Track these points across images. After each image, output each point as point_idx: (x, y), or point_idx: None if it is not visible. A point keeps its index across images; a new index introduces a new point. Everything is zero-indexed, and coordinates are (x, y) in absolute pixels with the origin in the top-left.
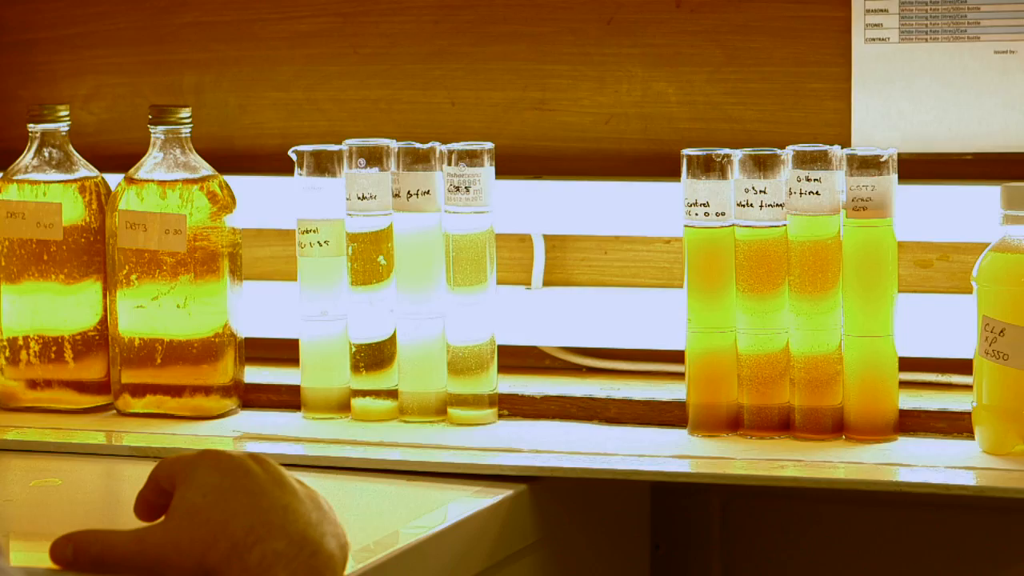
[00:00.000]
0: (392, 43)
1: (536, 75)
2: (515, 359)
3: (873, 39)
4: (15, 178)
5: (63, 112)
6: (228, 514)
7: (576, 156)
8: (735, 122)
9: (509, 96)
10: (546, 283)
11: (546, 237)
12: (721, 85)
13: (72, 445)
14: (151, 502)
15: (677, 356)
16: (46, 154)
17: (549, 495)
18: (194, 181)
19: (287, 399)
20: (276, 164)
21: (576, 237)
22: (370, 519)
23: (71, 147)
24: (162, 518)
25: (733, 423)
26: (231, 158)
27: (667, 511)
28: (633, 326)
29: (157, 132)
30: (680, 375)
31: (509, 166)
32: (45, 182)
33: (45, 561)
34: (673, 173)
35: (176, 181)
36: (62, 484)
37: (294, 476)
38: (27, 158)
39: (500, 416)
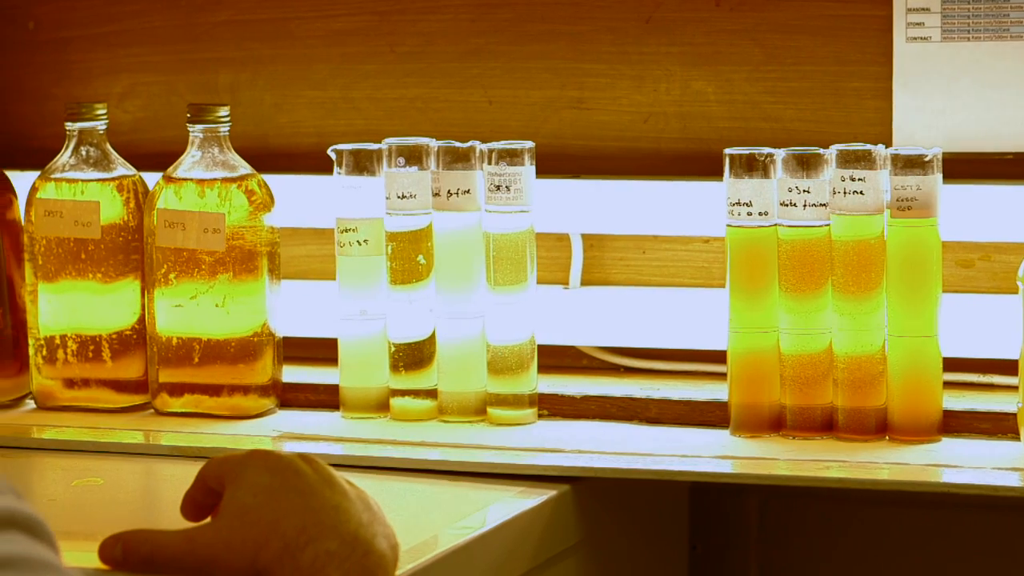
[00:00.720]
0: (429, 41)
1: (574, 74)
2: (552, 359)
3: (915, 38)
4: (53, 176)
5: (101, 110)
6: (279, 514)
7: (614, 155)
8: (774, 121)
9: (547, 95)
10: (584, 282)
11: (584, 236)
12: (760, 84)
13: (111, 444)
14: (198, 502)
15: (716, 356)
16: (83, 152)
17: (590, 496)
18: (233, 180)
19: (325, 399)
20: (312, 163)
21: (614, 236)
22: (413, 519)
23: (108, 145)
24: (209, 519)
25: (775, 424)
26: (266, 157)
27: (704, 511)
28: (671, 326)
29: (196, 131)
30: (719, 375)
31: (546, 165)
32: (83, 180)
33: (93, 561)
34: (712, 172)
35: (215, 180)
36: (104, 484)
37: (343, 476)
38: (64, 156)
39: (540, 416)
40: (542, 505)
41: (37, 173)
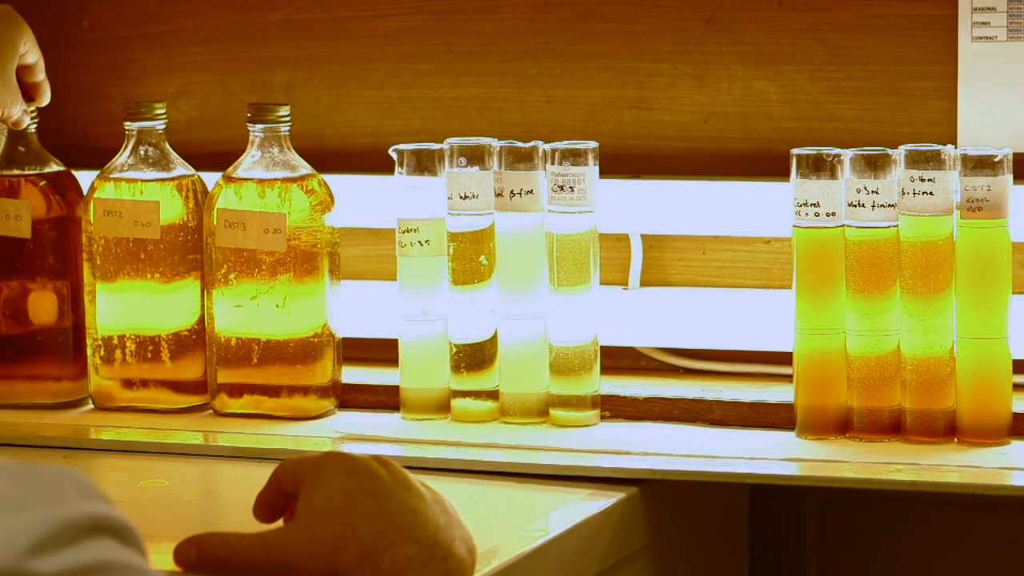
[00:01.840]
0: (487, 41)
1: (634, 73)
2: (610, 360)
3: (980, 38)
4: (112, 176)
5: (160, 110)
6: (356, 518)
7: (674, 155)
8: (837, 121)
9: (606, 95)
10: (643, 283)
11: (643, 237)
12: (823, 84)
13: (173, 445)
14: (271, 503)
15: (777, 357)
16: (142, 152)
17: (656, 498)
18: (293, 180)
19: (384, 399)
20: (367, 163)
21: (673, 237)
22: (481, 523)
23: (167, 145)
24: (280, 520)
25: (842, 426)
26: (322, 156)
27: (762, 513)
28: (731, 327)
29: (256, 130)
30: (781, 377)
31: (606, 165)
32: (142, 180)
33: (167, 563)
34: (773, 172)
35: (275, 180)
36: (169, 485)
37: (418, 479)
38: (123, 156)
39: (602, 417)
40: (612, 508)
41: (92, 173)
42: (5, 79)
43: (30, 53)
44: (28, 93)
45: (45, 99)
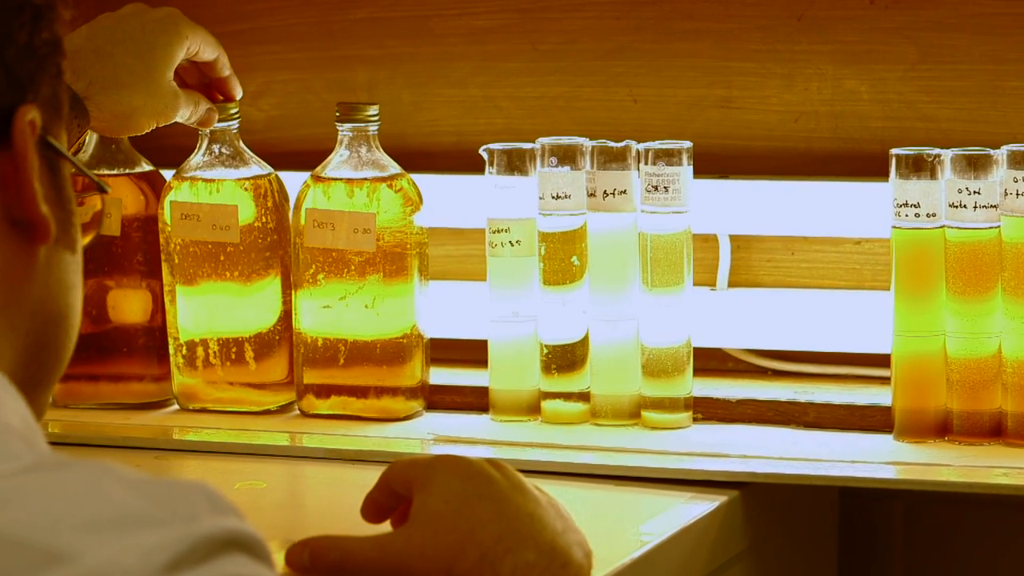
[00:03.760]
0: (572, 39)
1: (722, 72)
2: (697, 361)
3: None
4: (187, 176)
5: (233, 110)
6: (474, 522)
7: (762, 155)
8: (930, 121)
9: (693, 94)
10: (731, 284)
11: (731, 237)
12: (915, 83)
13: (264, 447)
14: (380, 504)
15: (867, 359)
16: (216, 150)
17: (755, 501)
18: (382, 179)
19: (472, 401)
20: (450, 162)
21: (761, 238)
22: (584, 526)
23: (242, 143)
24: (387, 523)
25: (941, 429)
26: (404, 156)
27: (850, 516)
28: (821, 328)
29: (344, 130)
30: (872, 379)
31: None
32: (218, 180)
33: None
34: (864, 172)
35: (364, 179)
36: (266, 487)
37: (532, 482)
38: (198, 156)
39: (694, 420)
40: (715, 511)
41: (169, 172)
42: (156, 87)
43: (203, 52)
44: (219, 91)
45: (235, 94)
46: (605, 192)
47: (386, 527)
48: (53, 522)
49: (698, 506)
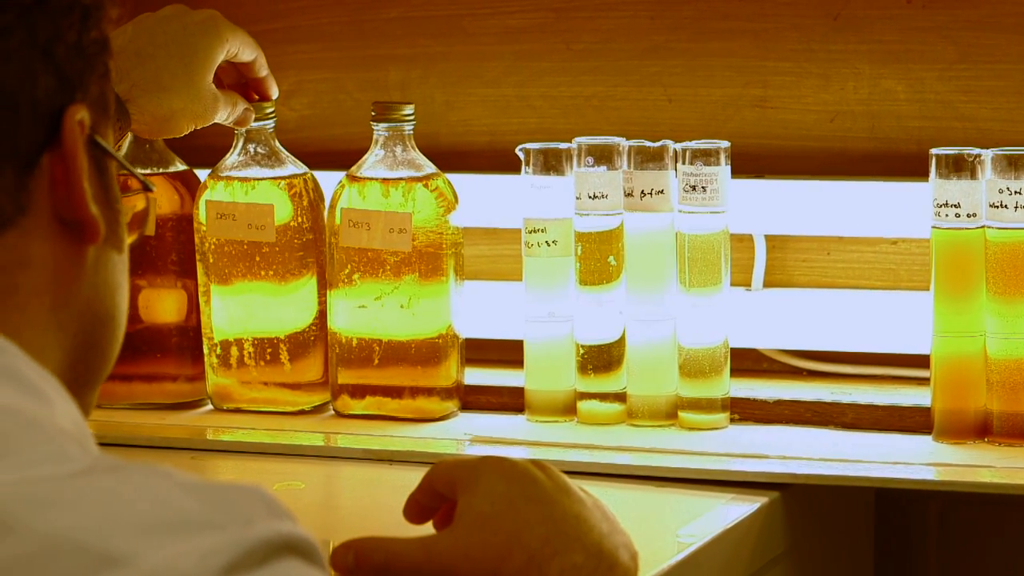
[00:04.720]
0: (606, 39)
1: (757, 72)
2: (733, 361)
3: None
4: (222, 175)
5: (269, 109)
6: (520, 524)
7: (798, 155)
8: (967, 120)
9: (728, 93)
10: (766, 284)
11: (767, 237)
12: (953, 83)
13: (301, 447)
14: (423, 505)
15: (904, 360)
16: (251, 150)
17: (795, 502)
18: (418, 179)
19: (507, 401)
20: (483, 162)
21: (797, 238)
22: (624, 527)
23: (277, 143)
24: (429, 523)
25: (981, 430)
26: (437, 155)
27: (885, 517)
28: (858, 329)
29: (380, 129)
30: (910, 379)
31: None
32: (254, 179)
33: None
34: (901, 172)
35: (400, 179)
36: (304, 487)
37: (577, 484)
38: (233, 156)
39: (731, 420)
40: (756, 512)
41: (204, 172)
42: (196, 91)
43: (242, 52)
44: (255, 90)
45: (271, 94)
46: (642, 192)
47: (428, 528)
48: (109, 525)
49: (739, 507)
